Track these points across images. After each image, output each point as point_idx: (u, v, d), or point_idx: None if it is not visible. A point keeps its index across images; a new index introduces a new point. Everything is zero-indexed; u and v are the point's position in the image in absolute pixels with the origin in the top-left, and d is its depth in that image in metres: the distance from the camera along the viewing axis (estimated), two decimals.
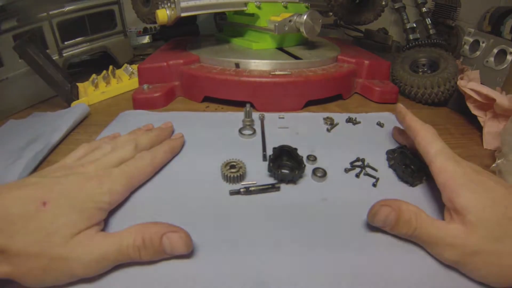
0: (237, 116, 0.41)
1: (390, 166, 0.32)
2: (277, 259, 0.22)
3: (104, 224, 0.23)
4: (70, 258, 0.19)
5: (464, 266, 0.20)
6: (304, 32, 0.47)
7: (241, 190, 0.27)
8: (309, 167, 0.30)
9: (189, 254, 0.21)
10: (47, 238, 0.18)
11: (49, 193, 0.20)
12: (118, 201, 0.24)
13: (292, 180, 0.29)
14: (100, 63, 0.58)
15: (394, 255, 0.22)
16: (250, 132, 0.37)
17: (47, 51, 0.45)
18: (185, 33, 0.72)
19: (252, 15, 0.50)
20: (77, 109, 0.41)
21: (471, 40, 0.57)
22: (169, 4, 0.44)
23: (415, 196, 0.28)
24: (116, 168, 0.25)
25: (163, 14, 0.43)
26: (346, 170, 0.31)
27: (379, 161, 0.32)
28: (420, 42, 0.58)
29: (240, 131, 0.37)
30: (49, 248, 0.18)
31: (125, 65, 0.54)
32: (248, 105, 0.38)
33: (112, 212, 0.24)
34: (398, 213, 0.22)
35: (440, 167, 0.24)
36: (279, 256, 0.22)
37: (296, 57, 0.48)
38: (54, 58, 0.47)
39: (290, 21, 0.47)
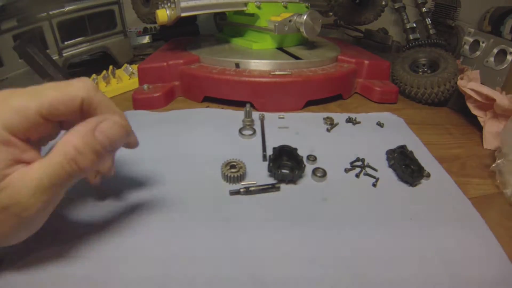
0: (237, 114, 0.41)
1: (390, 166, 0.32)
2: (277, 259, 0.22)
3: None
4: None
5: None
6: (304, 32, 0.47)
7: (241, 190, 0.27)
8: (309, 167, 0.30)
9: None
10: None
11: None
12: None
13: (292, 180, 0.29)
14: (100, 63, 0.58)
15: (393, 254, 0.22)
16: (250, 132, 0.37)
17: (47, 51, 0.45)
18: (185, 33, 0.72)
19: (252, 15, 0.50)
20: None
21: (471, 40, 0.57)
22: (169, 4, 0.44)
23: (415, 196, 0.28)
24: None
25: (163, 14, 0.43)
26: (346, 170, 0.31)
27: (379, 161, 0.32)
28: (420, 42, 0.58)
29: (240, 131, 0.37)
30: None
31: (125, 65, 0.54)
32: (248, 105, 0.38)
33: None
34: None
35: None
36: (279, 256, 0.22)
37: (296, 57, 0.48)
38: (54, 58, 0.47)
39: (290, 21, 0.47)
